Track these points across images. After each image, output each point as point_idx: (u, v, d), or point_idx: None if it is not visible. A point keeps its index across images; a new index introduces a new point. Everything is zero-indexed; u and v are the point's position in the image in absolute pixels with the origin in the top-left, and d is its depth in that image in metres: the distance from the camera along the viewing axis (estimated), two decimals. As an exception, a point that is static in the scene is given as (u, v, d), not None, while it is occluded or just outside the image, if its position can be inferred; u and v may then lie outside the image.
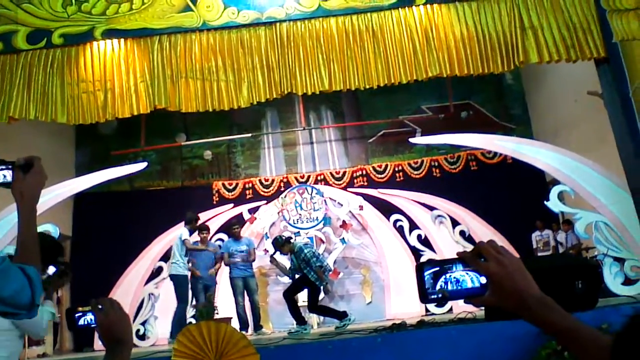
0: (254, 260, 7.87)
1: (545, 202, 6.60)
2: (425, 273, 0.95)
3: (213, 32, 6.39)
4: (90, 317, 1.56)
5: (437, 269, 0.95)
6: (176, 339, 3.44)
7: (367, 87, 6.23)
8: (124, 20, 6.40)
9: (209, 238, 8.05)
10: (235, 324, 6.98)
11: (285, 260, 7.53)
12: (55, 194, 7.45)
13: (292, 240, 7.21)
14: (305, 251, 6.76)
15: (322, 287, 7.07)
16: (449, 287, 0.94)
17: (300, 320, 6.85)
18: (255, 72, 6.31)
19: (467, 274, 0.93)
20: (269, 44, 6.33)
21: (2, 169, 1.53)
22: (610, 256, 6.30)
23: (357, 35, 6.28)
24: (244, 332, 6.57)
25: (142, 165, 8.58)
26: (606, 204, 6.40)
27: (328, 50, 6.27)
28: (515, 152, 7.04)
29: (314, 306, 7.04)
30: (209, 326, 3.19)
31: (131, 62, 6.38)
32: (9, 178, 1.52)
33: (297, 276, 6.97)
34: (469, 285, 0.93)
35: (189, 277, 7.53)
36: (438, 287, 0.94)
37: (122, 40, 6.41)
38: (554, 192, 6.55)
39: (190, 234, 7.68)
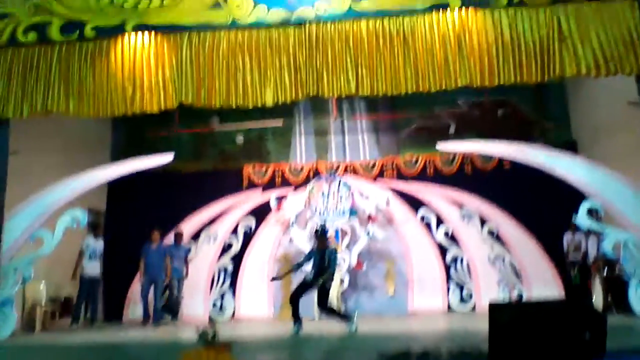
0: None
1: (573, 218, 6.40)
2: None
3: (242, 30, 6.36)
4: None
5: None
6: None
7: (395, 93, 6.11)
8: (155, 15, 6.43)
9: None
10: None
11: None
12: (89, 180, 7.68)
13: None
14: (337, 255, 7.04)
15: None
16: None
17: (298, 319, 6.84)
18: (282, 72, 6.27)
19: None
20: (297, 45, 6.26)
21: None
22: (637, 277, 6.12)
23: (387, 39, 6.14)
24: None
25: (169, 157, 8.77)
26: (637, 222, 6.18)
27: (357, 53, 6.16)
28: (544, 163, 6.81)
29: (326, 306, 7.07)
30: (209, 354, 3.26)
31: (160, 57, 6.43)
32: None
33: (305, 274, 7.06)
34: None
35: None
36: None
37: (152, 34, 6.45)
38: (583, 208, 6.34)
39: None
